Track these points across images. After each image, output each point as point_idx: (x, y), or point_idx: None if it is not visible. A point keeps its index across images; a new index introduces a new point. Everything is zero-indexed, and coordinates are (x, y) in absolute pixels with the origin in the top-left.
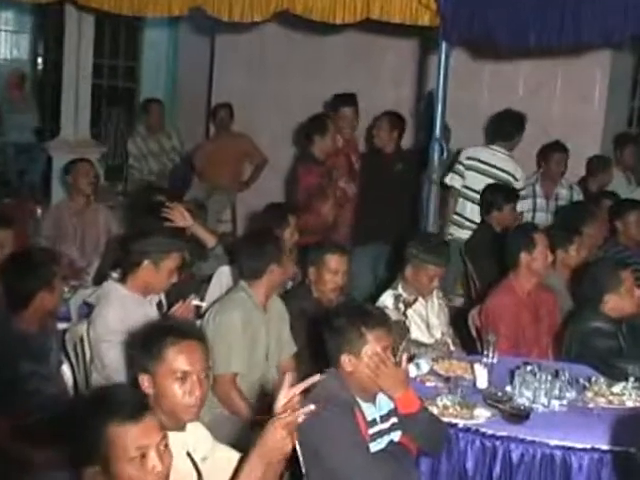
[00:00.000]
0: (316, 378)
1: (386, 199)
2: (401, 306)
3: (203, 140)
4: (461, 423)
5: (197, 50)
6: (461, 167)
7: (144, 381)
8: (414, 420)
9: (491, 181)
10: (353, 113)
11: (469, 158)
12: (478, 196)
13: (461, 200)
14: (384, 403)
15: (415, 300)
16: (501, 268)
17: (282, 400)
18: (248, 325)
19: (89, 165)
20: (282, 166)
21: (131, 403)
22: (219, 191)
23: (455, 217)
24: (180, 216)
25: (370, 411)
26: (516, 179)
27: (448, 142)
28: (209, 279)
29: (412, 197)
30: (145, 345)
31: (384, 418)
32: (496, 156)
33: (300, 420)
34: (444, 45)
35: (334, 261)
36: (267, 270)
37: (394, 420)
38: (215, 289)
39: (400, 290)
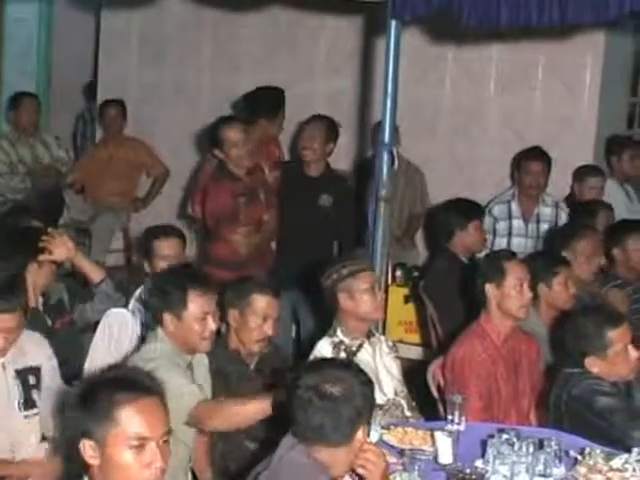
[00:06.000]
0: None
1: (306, 239)
2: (342, 356)
3: (86, 145)
4: None
5: (78, 30)
6: None
7: (86, 448)
8: None
9: None
10: (281, 113)
11: None
12: None
13: None
14: None
15: (360, 347)
16: (470, 308)
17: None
18: None
19: None
20: (187, 179)
21: None
22: (107, 211)
23: None
24: (62, 246)
25: None
26: None
27: (397, 148)
28: (95, 327)
29: (340, 238)
30: (87, 403)
31: None
32: None
33: None
34: (394, 24)
35: (264, 304)
36: None
37: None
38: (102, 340)
39: (340, 335)
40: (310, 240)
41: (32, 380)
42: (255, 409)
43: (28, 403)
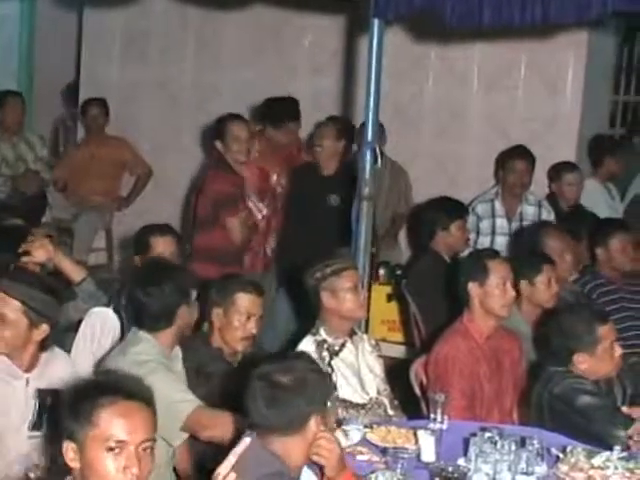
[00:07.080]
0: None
1: (314, 238)
2: (325, 355)
3: (68, 145)
4: None
5: (60, 28)
6: None
7: (68, 450)
8: None
9: None
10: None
11: None
12: None
13: None
14: None
15: (343, 346)
16: (453, 306)
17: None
18: None
19: None
20: (170, 178)
21: None
22: (90, 210)
23: None
24: (41, 248)
25: None
26: None
27: (382, 147)
28: (77, 326)
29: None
30: (72, 405)
31: None
32: None
33: None
34: (377, 23)
35: (247, 302)
36: (177, 314)
37: None
38: (84, 339)
39: (323, 334)
40: (319, 240)
41: (49, 402)
42: None
43: (36, 425)
